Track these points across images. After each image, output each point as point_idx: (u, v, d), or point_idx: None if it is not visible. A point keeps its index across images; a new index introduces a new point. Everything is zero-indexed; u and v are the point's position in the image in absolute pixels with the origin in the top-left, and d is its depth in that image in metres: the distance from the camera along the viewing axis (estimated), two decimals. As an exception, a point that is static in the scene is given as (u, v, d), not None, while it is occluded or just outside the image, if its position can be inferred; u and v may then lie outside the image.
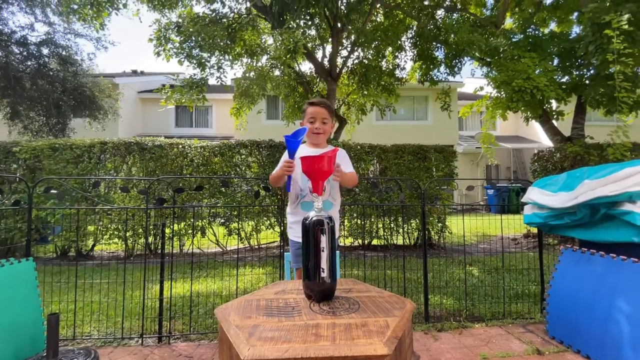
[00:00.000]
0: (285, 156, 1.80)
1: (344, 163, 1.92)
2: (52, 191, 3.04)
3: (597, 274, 2.38)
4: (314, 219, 1.32)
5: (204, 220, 5.77)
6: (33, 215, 2.74)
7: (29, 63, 7.84)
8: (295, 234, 1.98)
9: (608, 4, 5.21)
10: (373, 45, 7.30)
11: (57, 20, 7.99)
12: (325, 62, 7.48)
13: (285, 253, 2.27)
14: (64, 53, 8.01)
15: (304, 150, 1.92)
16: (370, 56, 7.73)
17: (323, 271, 1.29)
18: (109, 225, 5.45)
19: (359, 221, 5.89)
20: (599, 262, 2.38)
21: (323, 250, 1.29)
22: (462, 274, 4.30)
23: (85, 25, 7.00)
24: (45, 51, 7.95)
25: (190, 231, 5.65)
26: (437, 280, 4.08)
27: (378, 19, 8.29)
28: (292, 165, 1.73)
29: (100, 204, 5.23)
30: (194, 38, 6.25)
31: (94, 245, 5.65)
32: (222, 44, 6.27)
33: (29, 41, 7.86)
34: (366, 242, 6.05)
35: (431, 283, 3.85)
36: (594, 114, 10.02)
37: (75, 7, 6.10)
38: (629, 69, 4.97)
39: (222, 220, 5.75)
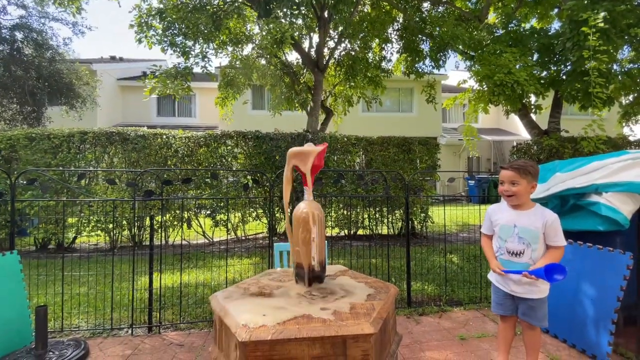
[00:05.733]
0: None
1: None
2: (36, 183, 2.97)
3: (565, 260, 2.55)
4: (305, 210, 1.38)
5: (190, 212, 5.74)
6: (10, 208, 2.68)
7: (1, 48, 7.44)
8: (497, 281, 2.02)
9: (586, 2, 5.39)
10: (360, 37, 7.31)
11: (31, 3, 7.57)
12: (312, 53, 7.45)
13: (274, 243, 2.33)
14: (38, 38, 7.61)
15: (505, 209, 1.96)
16: (357, 47, 7.74)
17: (313, 259, 1.37)
18: (91, 217, 5.35)
19: (345, 212, 6.00)
20: (568, 249, 2.55)
21: (313, 240, 1.36)
22: (442, 262, 4.50)
23: (61, 10, 6.68)
24: (19, 36, 7.54)
25: (175, 223, 5.62)
26: (419, 268, 4.25)
27: (365, 10, 8.28)
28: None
29: (82, 196, 5.12)
30: (177, 25, 6.09)
31: (75, 238, 5.54)
32: (206, 31, 6.13)
33: (1, 25, 7.44)
34: (352, 232, 6.19)
35: (413, 270, 4.01)
36: (570, 108, 10.45)
37: (50, -11, 5.82)
38: (604, 65, 5.20)
39: (209, 212, 5.74)
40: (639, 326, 2.18)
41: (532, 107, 7.00)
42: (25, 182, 3.68)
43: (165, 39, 6.10)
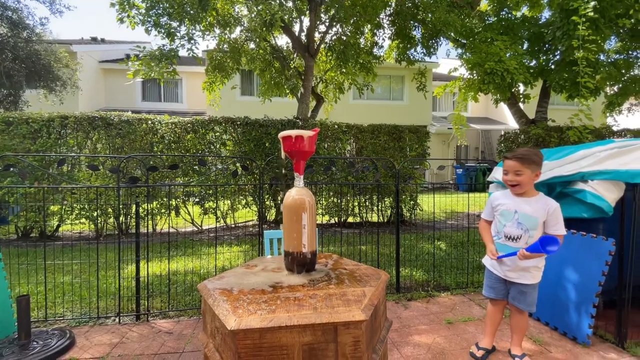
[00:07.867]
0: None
1: None
2: (13, 169, 2.84)
3: (550, 246, 2.62)
4: (296, 197, 1.35)
5: (178, 200, 5.64)
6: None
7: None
8: (491, 265, 2.08)
9: (577, -10, 5.37)
10: (352, 21, 7.14)
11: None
12: (303, 37, 7.27)
13: (265, 231, 2.31)
14: (14, 16, 7.17)
15: (508, 196, 2.00)
16: (348, 32, 7.59)
17: (304, 247, 1.34)
18: (75, 205, 5.20)
19: (335, 199, 6.01)
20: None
21: (304, 227, 1.33)
22: (431, 248, 4.57)
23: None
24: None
25: (162, 210, 5.53)
26: (407, 254, 4.31)
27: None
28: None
29: (64, 182, 4.96)
30: (161, 5, 5.82)
31: (58, 226, 5.39)
32: (192, 12, 5.88)
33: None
34: (342, 219, 6.21)
35: (402, 257, 4.06)
36: (557, 98, 10.58)
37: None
38: (592, 55, 5.24)
39: (197, 200, 5.65)
40: (618, 309, 2.26)
41: (521, 96, 7.06)
42: (1, 167, 3.51)
43: (149, 19, 5.83)
